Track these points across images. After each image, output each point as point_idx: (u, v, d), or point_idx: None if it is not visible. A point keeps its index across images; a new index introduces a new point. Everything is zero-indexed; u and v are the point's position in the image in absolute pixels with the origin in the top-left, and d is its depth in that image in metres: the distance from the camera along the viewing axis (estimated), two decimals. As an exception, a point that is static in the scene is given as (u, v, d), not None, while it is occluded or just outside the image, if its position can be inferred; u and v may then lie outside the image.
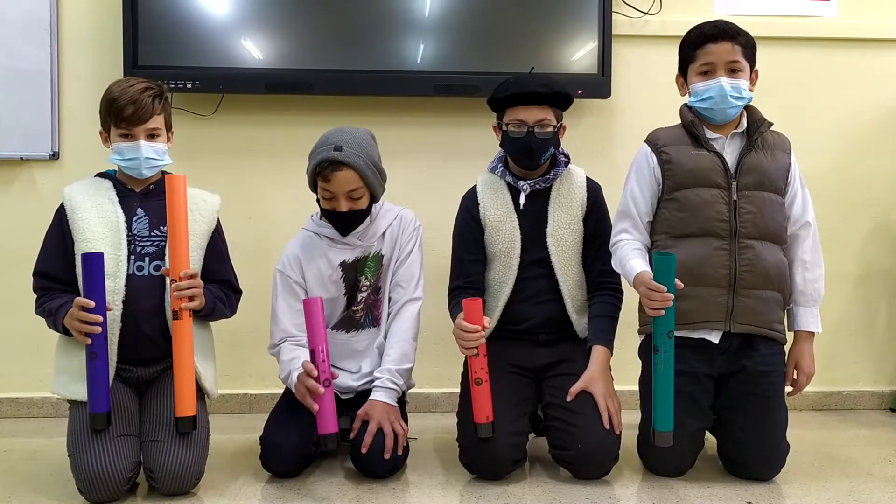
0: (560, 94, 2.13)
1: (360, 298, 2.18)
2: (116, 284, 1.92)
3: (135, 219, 2.01)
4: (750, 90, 2.02)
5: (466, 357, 2.03)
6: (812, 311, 2.07)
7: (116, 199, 2.01)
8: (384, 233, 2.19)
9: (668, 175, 2.04)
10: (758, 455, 2.03)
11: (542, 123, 2.10)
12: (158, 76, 2.21)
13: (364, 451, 2.00)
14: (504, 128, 2.15)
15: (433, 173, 2.73)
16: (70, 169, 2.62)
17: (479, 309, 1.97)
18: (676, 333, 1.90)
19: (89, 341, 1.82)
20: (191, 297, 1.88)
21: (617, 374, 2.15)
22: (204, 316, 2.02)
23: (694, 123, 2.04)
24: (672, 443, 1.92)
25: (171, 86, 2.44)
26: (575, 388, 2.06)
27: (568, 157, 2.24)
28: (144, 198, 2.04)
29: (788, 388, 2.09)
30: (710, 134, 2.04)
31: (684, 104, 2.10)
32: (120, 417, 1.92)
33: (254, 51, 2.63)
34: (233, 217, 2.47)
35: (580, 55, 2.69)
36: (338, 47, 2.63)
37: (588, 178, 2.24)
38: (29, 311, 2.00)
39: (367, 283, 2.18)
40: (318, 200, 2.13)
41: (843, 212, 2.82)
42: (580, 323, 2.18)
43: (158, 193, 1.98)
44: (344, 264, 2.16)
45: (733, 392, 2.04)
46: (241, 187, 2.68)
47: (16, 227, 2.61)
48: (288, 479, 2.05)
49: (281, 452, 2.05)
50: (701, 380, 2.03)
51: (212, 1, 2.61)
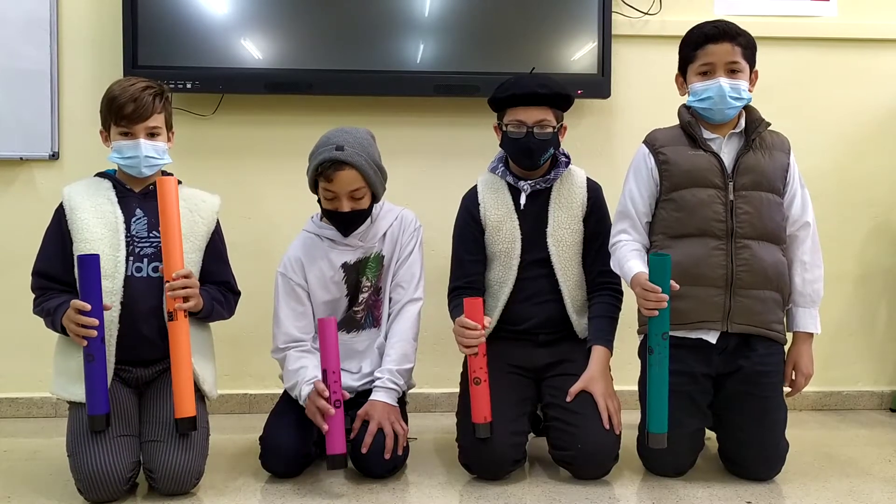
0: (560, 94, 2.13)
1: (362, 299, 2.18)
2: (114, 285, 1.92)
3: (133, 219, 2.00)
4: (749, 91, 2.02)
5: (466, 357, 2.03)
6: (811, 312, 2.07)
7: (116, 199, 2.00)
8: (385, 233, 2.19)
9: (666, 176, 2.04)
10: (757, 455, 2.03)
11: (541, 124, 2.10)
12: (158, 76, 2.20)
13: (364, 451, 2.00)
14: (504, 128, 2.15)
15: (433, 173, 2.73)
16: (70, 169, 2.62)
17: (480, 307, 1.98)
18: (673, 333, 1.90)
19: (86, 343, 1.82)
20: (185, 298, 1.88)
21: (617, 374, 2.15)
22: (202, 317, 2.02)
23: (691, 124, 2.04)
24: (666, 444, 1.91)
25: (171, 86, 2.43)
26: (575, 389, 2.06)
27: (568, 157, 2.23)
28: (144, 198, 2.03)
29: (787, 389, 2.09)
30: (707, 134, 2.04)
31: (682, 104, 2.10)
32: (119, 418, 1.92)
33: (253, 51, 2.63)
34: (232, 217, 2.47)
35: (580, 55, 2.69)
36: (338, 47, 2.63)
37: (588, 179, 2.24)
38: (29, 312, 2.00)
39: (369, 284, 2.18)
40: (318, 201, 2.13)
41: (843, 212, 2.82)
42: (580, 323, 2.18)
43: (158, 194, 1.98)
44: (346, 265, 2.16)
45: (731, 392, 2.04)
46: (241, 187, 2.68)
47: (15, 227, 2.61)
48: (288, 479, 2.05)
49: (281, 452, 2.05)
50: (699, 379, 2.03)
51: (212, 1, 2.61)
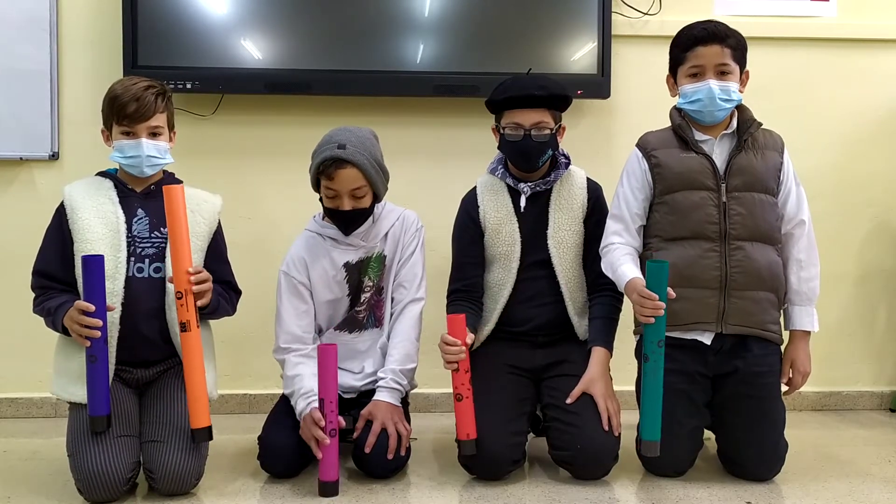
0: (557, 95, 2.12)
1: (364, 299, 2.18)
2: (115, 286, 1.92)
3: (135, 220, 2.00)
4: (740, 91, 2.02)
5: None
6: (808, 310, 2.07)
7: (117, 199, 2.00)
8: (387, 233, 2.19)
9: (658, 178, 2.04)
10: (756, 455, 2.03)
11: (538, 126, 2.09)
12: (158, 76, 2.20)
13: (367, 450, 2.00)
14: (501, 130, 2.14)
15: (433, 173, 2.73)
16: (69, 169, 2.62)
17: (462, 324, 1.97)
18: (668, 334, 1.89)
19: (88, 343, 1.82)
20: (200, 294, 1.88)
21: (616, 374, 2.15)
22: (207, 313, 2.02)
23: (682, 126, 2.04)
24: (659, 453, 1.91)
25: (171, 86, 2.43)
26: (576, 392, 2.05)
27: (568, 158, 2.23)
28: (145, 198, 2.03)
29: (785, 388, 2.09)
30: (698, 136, 2.04)
31: (673, 106, 2.09)
32: (120, 418, 1.92)
33: (253, 51, 2.63)
34: (233, 217, 2.47)
35: (580, 55, 2.69)
36: (337, 47, 2.63)
37: (589, 179, 2.23)
38: (29, 312, 2.00)
39: (371, 284, 2.18)
40: (320, 200, 2.13)
41: (843, 212, 2.82)
42: (581, 325, 2.18)
43: (159, 194, 1.95)
44: (348, 265, 2.16)
45: (729, 393, 2.04)
46: (241, 187, 2.68)
47: (15, 226, 2.61)
48: (287, 479, 2.05)
49: (280, 453, 2.05)
50: (696, 378, 2.03)
51: (212, 1, 2.61)
